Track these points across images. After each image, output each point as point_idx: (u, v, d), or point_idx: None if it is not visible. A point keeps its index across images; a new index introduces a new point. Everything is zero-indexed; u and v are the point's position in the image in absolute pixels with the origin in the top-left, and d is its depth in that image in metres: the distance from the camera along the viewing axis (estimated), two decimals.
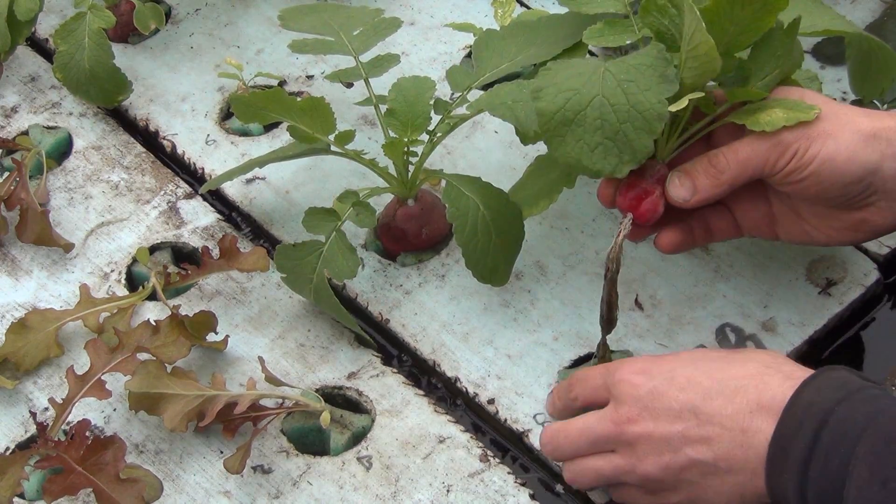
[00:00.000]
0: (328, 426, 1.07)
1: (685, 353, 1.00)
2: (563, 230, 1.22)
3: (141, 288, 1.20)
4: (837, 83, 1.30)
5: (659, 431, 0.95)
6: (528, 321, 1.16)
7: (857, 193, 0.99)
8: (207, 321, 1.13)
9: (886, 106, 1.22)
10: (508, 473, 1.06)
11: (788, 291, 1.15)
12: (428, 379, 1.15)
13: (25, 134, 1.36)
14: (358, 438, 1.09)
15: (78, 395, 1.06)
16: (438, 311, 1.17)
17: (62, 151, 1.35)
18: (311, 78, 1.38)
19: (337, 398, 1.13)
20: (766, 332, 1.13)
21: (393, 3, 1.44)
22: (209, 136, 1.34)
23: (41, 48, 1.46)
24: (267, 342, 1.16)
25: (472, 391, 1.12)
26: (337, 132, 1.14)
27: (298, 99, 1.11)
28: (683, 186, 1.02)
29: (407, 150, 1.15)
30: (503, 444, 1.10)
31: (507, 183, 1.14)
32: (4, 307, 1.21)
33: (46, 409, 1.12)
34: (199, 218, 1.27)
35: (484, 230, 1.10)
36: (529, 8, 1.41)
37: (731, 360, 0.96)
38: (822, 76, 1.30)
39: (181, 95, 1.38)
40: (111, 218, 1.27)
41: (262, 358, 1.10)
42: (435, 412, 1.10)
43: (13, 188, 1.24)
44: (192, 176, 1.32)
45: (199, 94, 1.38)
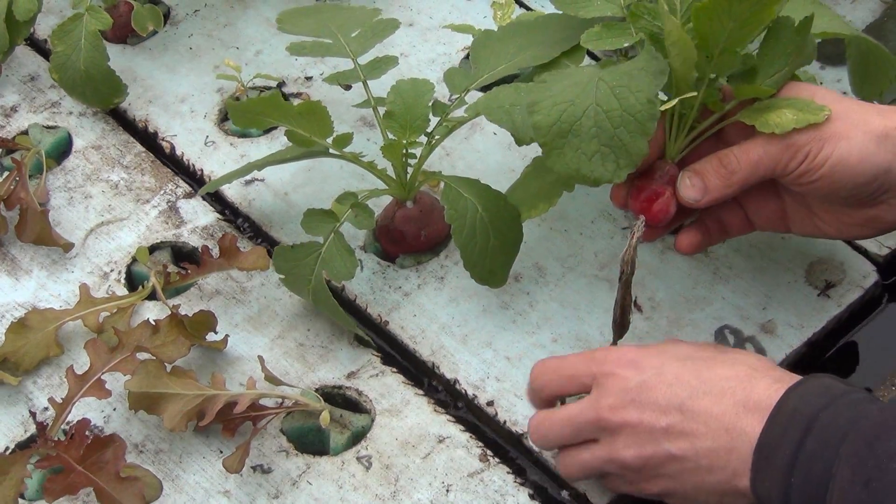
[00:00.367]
0: (328, 426, 1.07)
1: (671, 346, 1.00)
2: (561, 232, 1.22)
3: (140, 287, 1.20)
4: (837, 83, 1.31)
5: (644, 423, 0.95)
6: (526, 323, 1.16)
7: (869, 193, 1.00)
8: (207, 321, 1.13)
9: None
10: (508, 473, 1.06)
11: (787, 293, 1.15)
12: (428, 381, 1.15)
13: (25, 133, 1.36)
14: (357, 438, 1.09)
15: (78, 394, 1.06)
16: (437, 312, 1.17)
17: (62, 151, 1.35)
18: (309, 79, 1.38)
19: (336, 398, 1.13)
20: (765, 333, 1.13)
21: (392, 3, 1.44)
22: (208, 137, 1.34)
23: (40, 48, 1.45)
24: (267, 342, 1.16)
25: (471, 393, 1.12)
26: (335, 135, 1.14)
27: (295, 103, 1.11)
28: (694, 187, 1.02)
29: (405, 152, 1.15)
30: (503, 445, 1.10)
31: (505, 184, 1.14)
32: (4, 307, 1.21)
33: (46, 408, 1.12)
34: (198, 217, 1.27)
35: (482, 232, 1.10)
36: (529, 9, 1.41)
37: (719, 360, 0.97)
38: (822, 76, 1.31)
39: (180, 97, 1.38)
40: (111, 217, 1.27)
41: (261, 357, 1.10)
42: (434, 412, 1.10)
43: (13, 188, 1.24)
44: (191, 177, 1.32)
45: (198, 95, 1.38)
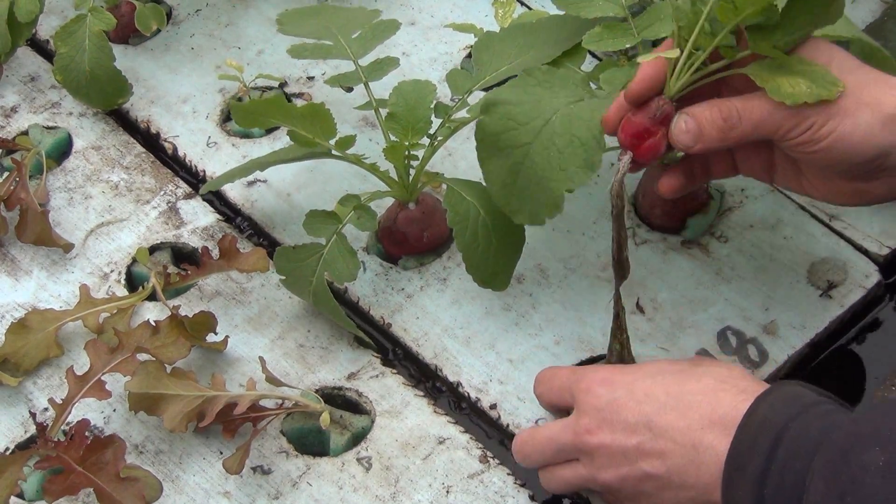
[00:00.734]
0: (328, 427, 1.07)
1: (648, 364, 1.01)
2: (564, 233, 1.22)
3: (141, 288, 1.19)
4: None
5: (616, 444, 0.95)
6: (529, 325, 1.16)
7: (866, 170, 0.97)
8: (207, 321, 1.13)
9: None
10: (508, 475, 1.05)
11: (789, 294, 1.15)
12: (432, 383, 1.15)
13: (25, 134, 1.35)
14: (358, 439, 1.09)
15: (78, 395, 1.06)
16: (440, 315, 1.17)
17: (62, 151, 1.34)
18: (311, 79, 1.38)
19: (337, 399, 1.13)
20: (767, 335, 1.13)
21: (393, 3, 1.44)
22: (210, 138, 1.34)
23: (41, 49, 1.45)
24: (267, 343, 1.16)
25: (474, 396, 1.11)
26: (338, 137, 1.14)
27: (298, 104, 1.11)
28: (689, 132, 0.97)
29: (408, 154, 1.14)
30: (504, 447, 1.10)
31: None
32: (4, 307, 1.20)
33: (46, 409, 1.11)
34: (198, 218, 1.26)
35: (484, 235, 1.10)
36: (530, 8, 1.41)
37: (688, 374, 0.97)
38: None
39: (182, 97, 1.38)
40: (111, 218, 1.27)
41: (262, 358, 1.10)
42: (434, 413, 1.10)
43: (13, 188, 1.24)
44: (193, 178, 1.32)
45: (200, 95, 1.38)
